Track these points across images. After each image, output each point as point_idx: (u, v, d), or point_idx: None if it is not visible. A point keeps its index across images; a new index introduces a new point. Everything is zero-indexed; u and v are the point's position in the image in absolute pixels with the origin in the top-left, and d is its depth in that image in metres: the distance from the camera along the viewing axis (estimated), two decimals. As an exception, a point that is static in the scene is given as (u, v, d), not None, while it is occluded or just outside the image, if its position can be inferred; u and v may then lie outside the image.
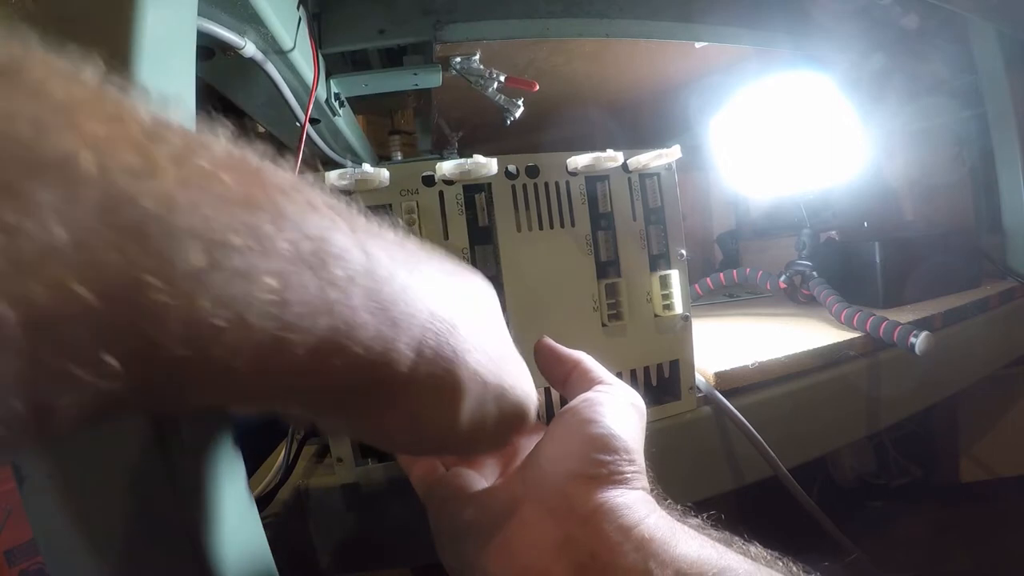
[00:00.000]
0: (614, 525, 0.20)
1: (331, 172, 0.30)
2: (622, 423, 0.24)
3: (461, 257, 0.32)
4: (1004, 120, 0.75)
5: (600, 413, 0.24)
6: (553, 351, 0.29)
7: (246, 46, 0.35)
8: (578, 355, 0.28)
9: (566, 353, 0.29)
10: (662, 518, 0.21)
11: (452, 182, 0.32)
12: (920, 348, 0.47)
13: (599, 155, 0.34)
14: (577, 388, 0.27)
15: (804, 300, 0.67)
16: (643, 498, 0.22)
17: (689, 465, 0.40)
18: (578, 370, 0.28)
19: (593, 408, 0.24)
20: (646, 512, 0.21)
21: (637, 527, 0.20)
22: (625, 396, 0.26)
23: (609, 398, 0.25)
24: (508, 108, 0.61)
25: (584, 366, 0.28)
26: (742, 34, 0.63)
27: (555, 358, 0.29)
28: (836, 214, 0.77)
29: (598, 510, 0.21)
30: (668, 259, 0.37)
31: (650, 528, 0.20)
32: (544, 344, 0.29)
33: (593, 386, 0.26)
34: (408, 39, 0.54)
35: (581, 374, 0.27)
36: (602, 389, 0.26)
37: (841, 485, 0.91)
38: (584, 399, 0.25)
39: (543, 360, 0.29)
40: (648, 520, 0.20)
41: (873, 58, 0.74)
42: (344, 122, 0.60)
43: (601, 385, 0.26)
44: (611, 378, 0.27)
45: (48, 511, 0.19)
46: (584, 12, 0.56)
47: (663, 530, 0.20)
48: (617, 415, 0.24)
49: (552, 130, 0.85)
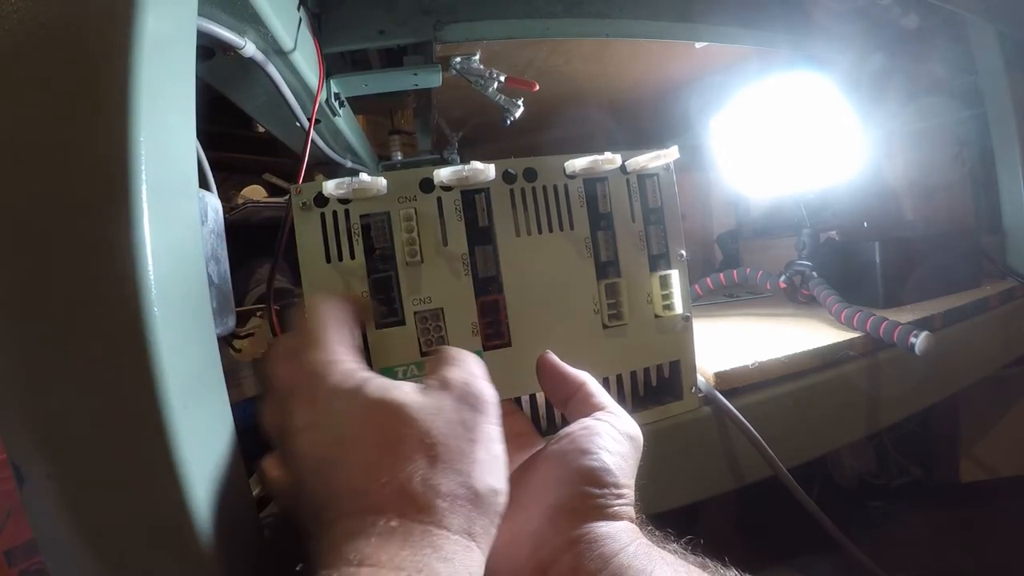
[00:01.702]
0: (595, 554, 0.21)
1: (328, 182, 0.30)
2: (617, 456, 0.24)
3: (461, 264, 0.32)
4: (1004, 120, 0.74)
5: (597, 445, 0.24)
6: (556, 369, 0.29)
7: (246, 46, 0.35)
8: (582, 377, 0.28)
9: (570, 373, 0.29)
10: (642, 546, 0.22)
11: (450, 188, 0.32)
12: (920, 348, 0.47)
13: (597, 158, 0.33)
14: (578, 411, 0.27)
15: (804, 300, 0.67)
16: (626, 527, 0.23)
17: (689, 465, 0.40)
18: (581, 393, 0.28)
19: (591, 439, 0.24)
20: (627, 541, 0.22)
21: (616, 556, 0.21)
22: (624, 427, 0.26)
23: (608, 428, 0.25)
24: (508, 108, 0.61)
25: (587, 389, 0.28)
26: (742, 34, 0.63)
27: (559, 377, 0.29)
28: (836, 214, 0.77)
29: (580, 539, 0.22)
30: (668, 259, 0.37)
31: (629, 556, 0.21)
32: (547, 361, 0.29)
33: (594, 412, 0.27)
34: (408, 39, 0.54)
35: (584, 397, 0.28)
36: (602, 417, 0.26)
37: (841, 485, 0.91)
38: (584, 427, 0.25)
39: (546, 378, 0.29)
40: (628, 549, 0.21)
41: (873, 58, 0.74)
42: (344, 122, 0.60)
43: (602, 412, 0.26)
44: (613, 405, 0.27)
45: (48, 511, 0.19)
46: (584, 12, 0.56)
47: (641, 558, 0.21)
48: (613, 447, 0.24)
49: (552, 130, 0.85)
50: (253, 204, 0.67)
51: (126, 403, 0.19)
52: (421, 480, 0.20)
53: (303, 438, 0.21)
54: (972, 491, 0.87)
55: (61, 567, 0.20)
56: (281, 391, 0.23)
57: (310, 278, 0.31)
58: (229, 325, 0.32)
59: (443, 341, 0.32)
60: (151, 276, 0.19)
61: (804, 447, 0.46)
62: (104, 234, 0.19)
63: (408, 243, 0.31)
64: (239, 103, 0.48)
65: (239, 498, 0.23)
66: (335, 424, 0.21)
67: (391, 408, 0.21)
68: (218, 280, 0.30)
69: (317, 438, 0.21)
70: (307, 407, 0.22)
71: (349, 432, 0.21)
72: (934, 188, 0.87)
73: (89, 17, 0.20)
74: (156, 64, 0.20)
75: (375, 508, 0.19)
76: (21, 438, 0.19)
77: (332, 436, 0.21)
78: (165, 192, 0.20)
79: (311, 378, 0.23)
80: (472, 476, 0.21)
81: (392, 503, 0.19)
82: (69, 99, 0.19)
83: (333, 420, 0.21)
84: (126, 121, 0.19)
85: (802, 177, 0.68)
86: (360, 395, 0.21)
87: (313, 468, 0.21)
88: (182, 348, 0.20)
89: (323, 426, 0.21)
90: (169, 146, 0.21)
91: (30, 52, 0.19)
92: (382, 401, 0.21)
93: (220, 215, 0.32)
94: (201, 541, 0.19)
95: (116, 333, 0.19)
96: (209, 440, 0.22)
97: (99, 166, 0.19)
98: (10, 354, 0.19)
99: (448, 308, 0.32)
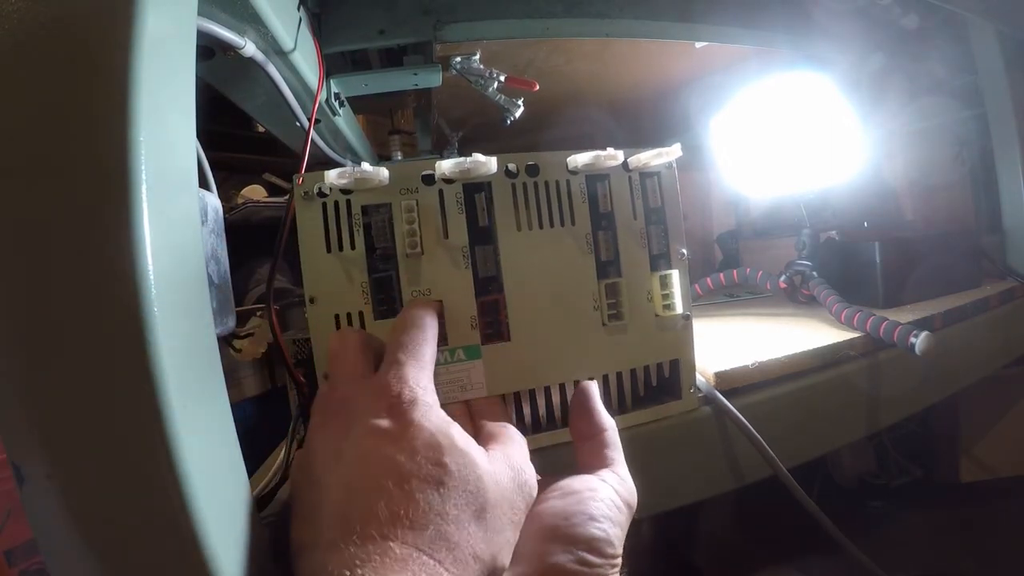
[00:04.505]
0: None
1: (331, 171, 0.30)
2: (618, 528, 0.25)
3: (461, 256, 0.32)
4: (1004, 120, 0.74)
5: (603, 513, 0.25)
6: (589, 403, 0.30)
7: (246, 46, 0.35)
8: (607, 423, 0.29)
9: (599, 414, 0.30)
10: None
11: (452, 181, 0.32)
12: (920, 348, 0.47)
13: (599, 154, 0.33)
14: (589, 455, 0.28)
15: (804, 300, 0.67)
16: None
17: (689, 465, 0.40)
18: (600, 439, 0.29)
19: (596, 505, 0.25)
20: None
21: None
22: (626, 495, 0.27)
23: (612, 495, 0.26)
24: (508, 108, 0.61)
25: (606, 438, 0.29)
26: (742, 34, 0.63)
27: (588, 413, 0.30)
28: (836, 214, 0.77)
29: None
30: (669, 259, 0.37)
31: None
32: (586, 391, 0.30)
33: (603, 466, 0.28)
34: (408, 39, 0.54)
35: (599, 445, 0.29)
36: (608, 479, 0.27)
37: (841, 485, 0.91)
38: (591, 489, 0.26)
39: (576, 407, 0.30)
40: None
41: (873, 58, 0.74)
42: (344, 122, 0.60)
43: (608, 473, 0.27)
44: (622, 466, 0.28)
45: (48, 511, 0.19)
46: (584, 12, 0.56)
47: None
48: (616, 518, 0.25)
49: (552, 130, 0.85)
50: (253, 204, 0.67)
51: (126, 403, 0.19)
52: (463, 531, 0.21)
53: (373, 452, 0.22)
54: (972, 491, 0.87)
55: (61, 567, 0.20)
56: (349, 403, 0.25)
57: (310, 267, 0.31)
58: (229, 325, 0.32)
59: (442, 334, 0.32)
60: (151, 276, 0.19)
61: (804, 447, 0.46)
62: (104, 234, 0.19)
63: (409, 234, 0.31)
64: (239, 103, 0.48)
65: (239, 498, 0.23)
66: (412, 463, 0.22)
67: (471, 472, 0.23)
68: (218, 280, 0.30)
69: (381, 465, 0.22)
70: (392, 444, 0.23)
71: (422, 472, 0.22)
72: (934, 188, 0.87)
73: (89, 17, 0.20)
74: (156, 64, 0.20)
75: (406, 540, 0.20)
76: (21, 438, 0.19)
77: (398, 471, 0.22)
78: (165, 192, 0.20)
79: (397, 414, 0.23)
80: (500, 553, 0.23)
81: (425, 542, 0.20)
82: (69, 99, 0.19)
83: (418, 465, 0.22)
84: (126, 121, 0.19)
85: (802, 177, 0.68)
86: (449, 447, 0.23)
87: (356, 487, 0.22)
88: (182, 348, 0.20)
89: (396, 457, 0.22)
90: (169, 146, 0.21)
91: (30, 52, 0.19)
92: (465, 457, 0.23)
93: (220, 215, 0.32)
94: (201, 541, 0.19)
95: (116, 333, 0.19)
96: (209, 440, 0.22)
97: (99, 166, 0.19)
98: (10, 354, 0.19)
99: (448, 300, 0.32)
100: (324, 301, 0.31)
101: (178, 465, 0.19)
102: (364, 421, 0.23)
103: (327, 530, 0.21)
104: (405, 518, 0.20)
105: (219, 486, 0.21)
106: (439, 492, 0.21)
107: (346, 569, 0.19)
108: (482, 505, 0.22)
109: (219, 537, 0.20)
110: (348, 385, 0.26)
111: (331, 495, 0.22)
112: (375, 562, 0.19)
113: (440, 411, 0.24)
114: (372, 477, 0.22)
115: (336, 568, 0.19)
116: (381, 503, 0.21)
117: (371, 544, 0.20)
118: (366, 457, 0.22)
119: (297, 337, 0.39)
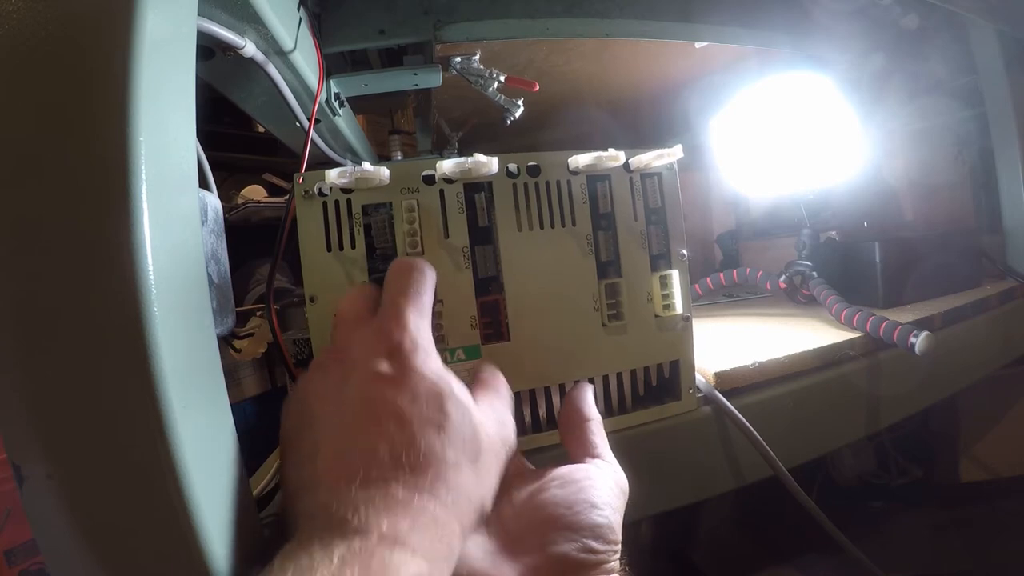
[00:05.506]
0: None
1: (331, 170, 0.30)
2: (617, 513, 0.26)
3: (462, 256, 0.32)
4: (1004, 120, 0.74)
5: (603, 500, 0.25)
6: (579, 400, 0.31)
7: (246, 46, 0.35)
8: (593, 414, 0.30)
9: (586, 405, 0.31)
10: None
11: (453, 181, 0.32)
12: (920, 348, 0.47)
13: (601, 154, 0.33)
14: (575, 444, 0.29)
15: (804, 300, 0.67)
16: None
17: (689, 465, 0.40)
18: (585, 427, 0.29)
19: (596, 491, 0.25)
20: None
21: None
22: (617, 478, 0.27)
23: (609, 481, 0.26)
24: (508, 108, 0.61)
25: (592, 427, 0.29)
26: (742, 34, 0.63)
27: (576, 402, 0.31)
28: (836, 214, 0.77)
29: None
30: (669, 259, 0.37)
31: None
32: (578, 387, 0.32)
33: (590, 454, 0.28)
34: (408, 39, 0.54)
35: (585, 434, 0.29)
36: (600, 465, 0.27)
37: (841, 485, 0.91)
38: (588, 476, 0.26)
39: (566, 400, 0.32)
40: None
41: (873, 58, 0.74)
42: (344, 122, 0.60)
43: (601, 461, 0.28)
44: (608, 453, 0.29)
45: (48, 511, 0.19)
46: (584, 12, 0.56)
47: None
48: (615, 503, 0.26)
49: (552, 130, 0.85)
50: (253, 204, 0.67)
51: (126, 403, 0.19)
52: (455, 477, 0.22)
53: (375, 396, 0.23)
54: (972, 491, 0.87)
55: (61, 567, 0.20)
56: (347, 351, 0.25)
57: (310, 266, 0.31)
58: (229, 325, 0.32)
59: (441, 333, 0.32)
60: (151, 276, 0.19)
61: (804, 447, 0.46)
62: (104, 234, 0.19)
63: (409, 234, 0.31)
64: (239, 103, 0.48)
65: (239, 498, 0.23)
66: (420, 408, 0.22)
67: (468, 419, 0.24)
68: (218, 280, 0.30)
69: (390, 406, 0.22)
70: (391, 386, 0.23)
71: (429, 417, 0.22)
72: (934, 188, 0.87)
73: (89, 17, 0.20)
74: (156, 64, 0.20)
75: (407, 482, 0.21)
76: (21, 438, 0.19)
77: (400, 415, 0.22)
78: (165, 192, 0.20)
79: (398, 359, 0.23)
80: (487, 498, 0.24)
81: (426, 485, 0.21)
82: (69, 99, 0.19)
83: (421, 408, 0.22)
84: (126, 121, 0.19)
85: (802, 177, 0.68)
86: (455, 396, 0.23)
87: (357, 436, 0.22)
88: (182, 348, 0.20)
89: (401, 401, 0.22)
90: (169, 146, 0.21)
91: (30, 52, 0.19)
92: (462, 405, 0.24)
93: (220, 215, 0.32)
94: (201, 541, 0.19)
95: (116, 333, 0.19)
96: (209, 440, 0.22)
97: (99, 166, 0.19)
98: (10, 354, 0.19)
99: (448, 300, 0.32)
100: (324, 301, 0.31)
101: (178, 465, 0.19)
102: (365, 366, 0.23)
103: (326, 472, 0.21)
104: (406, 461, 0.21)
105: (219, 486, 0.21)
106: (439, 437, 0.22)
107: (349, 510, 0.19)
108: (476, 452, 0.23)
109: (219, 537, 0.20)
110: (348, 328, 0.26)
111: (331, 438, 0.22)
112: (377, 504, 0.19)
113: (438, 358, 0.25)
114: (374, 420, 0.22)
115: (339, 509, 0.19)
116: (383, 446, 0.21)
117: (373, 486, 0.20)
118: (367, 401, 0.22)
119: (297, 337, 0.39)
